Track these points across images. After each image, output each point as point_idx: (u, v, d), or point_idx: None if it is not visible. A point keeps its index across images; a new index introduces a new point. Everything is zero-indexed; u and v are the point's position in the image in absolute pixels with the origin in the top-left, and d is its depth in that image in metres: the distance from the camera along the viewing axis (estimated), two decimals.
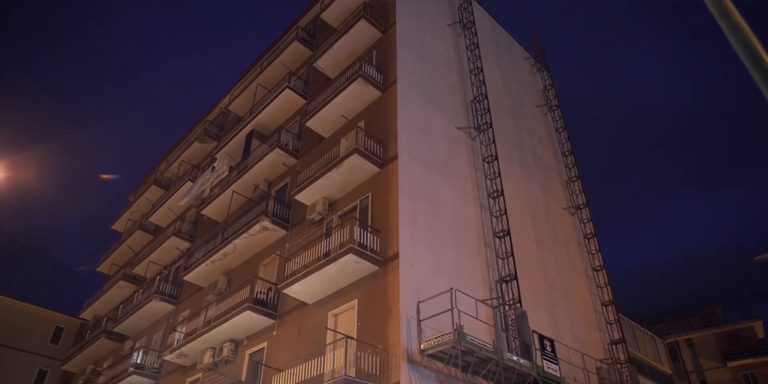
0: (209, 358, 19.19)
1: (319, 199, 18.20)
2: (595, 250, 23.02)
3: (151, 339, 25.81)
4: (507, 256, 17.21)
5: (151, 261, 28.26)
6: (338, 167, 17.23)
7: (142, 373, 23.08)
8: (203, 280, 22.81)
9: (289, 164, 21.80)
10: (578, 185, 24.93)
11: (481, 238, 17.73)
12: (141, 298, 26.61)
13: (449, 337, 12.63)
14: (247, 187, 22.87)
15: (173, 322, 24.21)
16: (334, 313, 15.80)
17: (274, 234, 19.94)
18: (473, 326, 13.75)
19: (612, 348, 20.32)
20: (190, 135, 33.67)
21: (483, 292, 16.30)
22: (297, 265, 16.82)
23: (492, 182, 18.91)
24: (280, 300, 18.13)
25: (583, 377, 16.36)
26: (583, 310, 20.82)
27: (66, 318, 40.90)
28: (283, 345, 16.94)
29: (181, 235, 26.85)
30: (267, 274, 19.73)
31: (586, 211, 24.12)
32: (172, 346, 21.38)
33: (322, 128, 20.50)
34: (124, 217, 36.81)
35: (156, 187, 33.30)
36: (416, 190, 16.47)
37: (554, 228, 22.10)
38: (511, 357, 13.65)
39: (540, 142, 25.08)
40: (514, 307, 15.63)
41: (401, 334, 13.24)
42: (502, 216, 18.10)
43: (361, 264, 14.92)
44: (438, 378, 13.27)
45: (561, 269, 20.89)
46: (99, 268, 36.23)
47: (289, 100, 23.39)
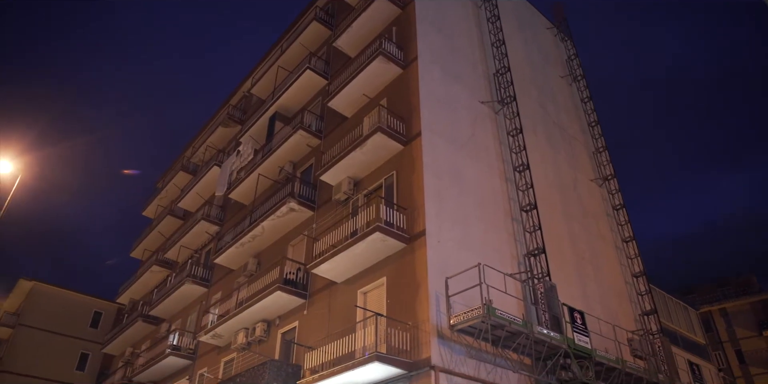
0: (243, 338, 19.54)
1: (344, 179, 18.22)
2: (625, 221, 22.69)
3: (185, 321, 26.36)
4: (534, 230, 17.07)
5: (182, 245, 28.74)
6: (362, 146, 17.19)
7: (178, 354, 23.64)
8: (233, 262, 23.13)
9: (313, 145, 21.82)
10: (605, 156, 24.51)
11: (507, 213, 17.60)
12: (174, 282, 27.13)
13: (478, 311, 12.63)
14: (272, 170, 22.98)
15: (206, 304, 24.67)
16: (363, 291, 15.90)
17: (301, 215, 20.06)
18: (502, 301, 13.72)
19: (643, 319, 20.14)
20: (214, 120, 33.88)
21: (511, 266, 16.24)
22: (325, 245, 16.92)
23: (517, 156, 18.69)
24: (309, 280, 18.30)
25: (614, 349, 16.26)
26: (614, 281, 20.63)
27: (104, 303, 42.06)
28: (314, 324, 17.15)
29: (210, 219, 27.20)
30: (295, 254, 19.90)
31: (614, 182, 23.74)
32: (206, 327, 21.80)
33: (344, 108, 20.43)
34: (154, 204, 37.41)
35: (183, 172, 33.73)
36: (441, 166, 16.37)
37: (582, 200, 21.83)
38: (541, 330, 13.62)
39: (565, 114, 24.66)
40: (543, 281, 15.55)
41: (430, 310, 13.29)
42: (528, 189, 17.92)
43: (388, 242, 14.94)
44: (468, 352, 13.32)
45: (590, 241, 20.67)
46: (132, 254, 36.99)
47: (311, 81, 23.31)
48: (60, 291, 41.29)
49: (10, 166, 18.50)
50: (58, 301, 40.66)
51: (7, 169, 18.49)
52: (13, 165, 18.62)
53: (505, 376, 13.85)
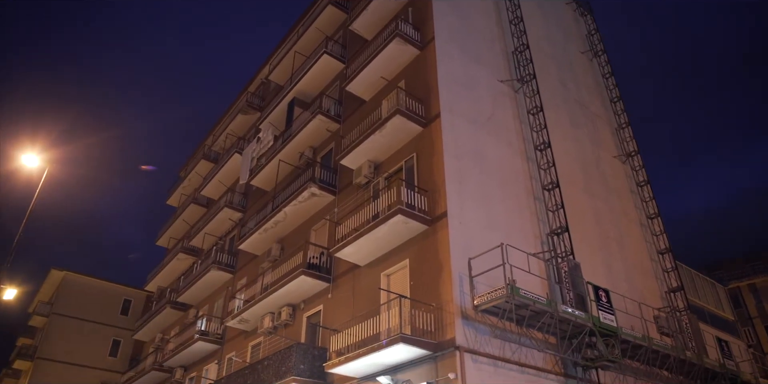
0: (269, 323, 19.79)
1: (365, 163, 18.21)
2: (649, 198, 22.38)
3: (212, 307, 26.78)
4: (557, 209, 16.93)
5: (206, 233, 29.08)
6: (381, 129, 17.13)
7: (207, 339, 24.07)
8: (257, 248, 23.36)
9: (333, 130, 21.81)
10: (628, 132, 24.12)
11: (529, 192, 17.47)
12: (200, 269, 27.52)
13: (502, 291, 12.63)
14: (292, 155, 23.05)
15: (232, 289, 25.00)
16: (387, 274, 15.96)
17: (322, 199, 20.13)
18: (526, 280, 13.68)
19: (670, 296, 19.95)
20: (234, 107, 34.02)
21: (534, 245, 16.15)
22: (347, 229, 16.97)
23: (538, 134, 18.48)
24: (332, 263, 18.42)
25: (640, 326, 16.14)
26: (639, 259, 20.42)
27: (133, 291, 42.91)
28: (338, 307, 17.28)
29: (233, 206, 27.45)
30: (318, 239, 20.02)
31: (637, 159, 23.37)
32: (233, 312, 22.11)
33: (362, 91, 20.35)
34: (178, 193, 37.83)
35: (205, 161, 33.99)
36: (461, 147, 16.26)
37: (605, 177, 21.56)
38: (566, 309, 13.57)
39: (586, 90, 24.27)
40: (567, 259, 15.45)
41: (454, 291, 13.29)
42: (550, 168, 17.74)
43: (410, 224, 14.94)
44: (493, 332, 13.33)
45: (614, 219, 20.45)
46: (158, 243, 37.56)
47: (328, 66, 23.23)
48: (90, 280, 42.21)
49: (37, 159, 18.87)
50: (89, 289, 41.58)
51: (35, 163, 18.87)
52: (40, 159, 19.00)
53: (530, 355, 13.86)
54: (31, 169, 18.99)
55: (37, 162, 18.96)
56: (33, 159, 18.83)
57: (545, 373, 13.93)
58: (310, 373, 15.93)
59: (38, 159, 18.96)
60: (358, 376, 14.72)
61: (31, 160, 18.79)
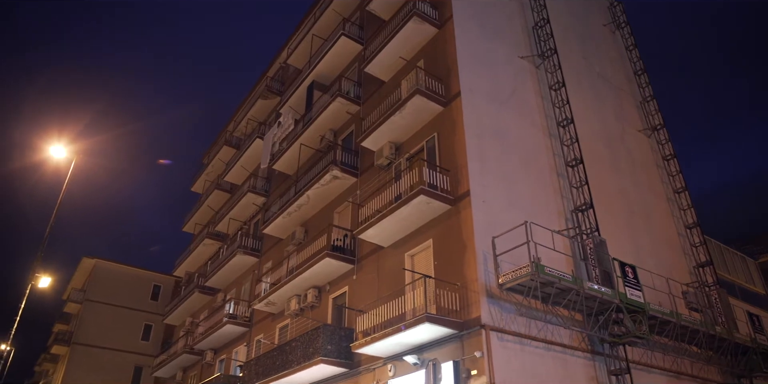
0: (295, 305, 20.02)
1: (386, 144, 18.15)
2: (676, 172, 22.00)
3: (239, 290, 27.16)
4: (581, 185, 16.73)
5: (231, 218, 29.39)
6: (401, 110, 17.03)
7: (235, 322, 24.46)
8: (282, 232, 23.54)
9: (353, 112, 21.74)
10: (653, 105, 23.63)
11: (553, 169, 17.28)
12: (226, 254, 27.88)
13: (527, 269, 12.55)
14: (313, 139, 23.08)
15: (258, 273, 25.29)
16: (411, 254, 15.98)
17: (344, 182, 20.16)
18: (551, 258, 13.58)
19: (698, 271, 19.68)
20: (254, 93, 34.10)
21: (559, 223, 16.01)
22: (370, 211, 16.98)
23: (560, 110, 18.21)
24: (356, 245, 18.50)
25: (668, 302, 15.98)
26: (666, 234, 20.15)
27: (162, 276, 43.72)
28: (363, 288, 17.39)
29: (257, 190, 27.65)
30: (341, 221, 20.10)
31: (663, 132, 22.93)
32: (259, 295, 22.40)
33: (381, 72, 20.21)
34: (202, 179, 38.22)
35: (227, 147, 34.23)
36: (482, 125, 16.11)
37: (630, 152, 21.22)
38: (592, 286, 13.47)
39: (609, 63, 23.78)
40: (592, 236, 15.29)
41: (478, 270, 13.28)
42: (573, 144, 17.50)
43: (432, 204, 14.90)
44: (518, 311, 13.30)
45: (640, 194, 20.16)
46: (184, 229, 38.06)
47: (346, 48, 23.08)
48: (120, 267, 43.08)
49: (65, 151, 19.22)
50: (119, 276, 42.47)
51: (63, 154, 19.21)
52: (67, 150, 19.36)
53: (557, 332, 13.82)
54: (58, 160, 19.34)
55: (64, 153, 19.31)
56: (60, 150, 19.18)
57: (572, 351, 13.90)
58: (337, 354, 16.12)
59: (65, 150, 19.31)
60: (385, 355, 14.84)
61: (58, 152, 19.14)
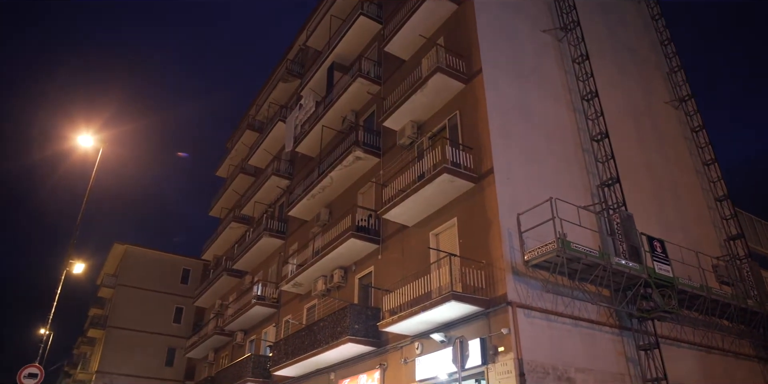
0: (322, 285, 20.23)
1: (408, 123, 18.06)
2: (705, 143, 21.51)
3: (267, 272, 27.50)
4: (607, 159, 16.47)
5: (256, 201, 29.65)
6: (422, 88, 16.90)
7: (263, 303, 24.83)
8: (306, 213, 23.69)
9: (374, 92, 21.64)
10: (681, 75, 23.03)
11: (577, 144, 17.03)
12: (252, 236, 28.20)
13: (552, 246, 12.48)
14: (335, 120, 23.06)
15: (284, 255, 25.56)
16: (435, 233, 15.98)
17: (367, 162, 20.15)
18: (577, 233, 13.47)
19: (729, 244, 19.34)
20: (274, 76, 34.12)
21: (584, 198, 15.82)
22: (393, 190, 16.98)
23: (584, 84, 17.89)
24: (381, 225, 18.54)
25: (698, 276, 15.76)
26: (695, 207, 19.80)
27: (191, 260, 44.48)
28: (389, 267, 17.47)
29: (280, 173, 27.82)
30: (365, 201, 20.13)
31: (691, 103, 22.37)
32: (286, 277, 22.66)
33: (401, 51, 20.04)
34: (226, 164, 38.57)
35: (250, 131, 34.44)
36: (505, 101, 15.92)
37: (657, 124, 20.78)
38: (619, 261, 13.34)
39: (634, 34, 23.18)
40: (619, 211, 15.10)
41: (503, 247, 13.22)
42: (598, 118, 17.20)
43: (456, 182, 14.83)
44: (545, 287, 13.24)
45: (668, 167, 19.79)
46: (211, 213, 38.57)
47: (365, 27, 22.89)
48: (150, 252, 43.93)
49: (92, 140, 19.56)
50: (150, 261, 43.32)
51: (90, 143, 19.56)
52: (95, 139, 19.70)
53: (584, 308, 13.75)
54: (86, 149, 19.68)
55: (91, 142, 19.63)
56: (88, 139, 19.50)
57: (599, 326, 13.82)
58: (364, 333, 16.29)
59: (92, 139, 19.63)
60: (412, 334, 14.95)
61: (86, 141, 19.47)
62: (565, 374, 12.49)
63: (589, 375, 12.87)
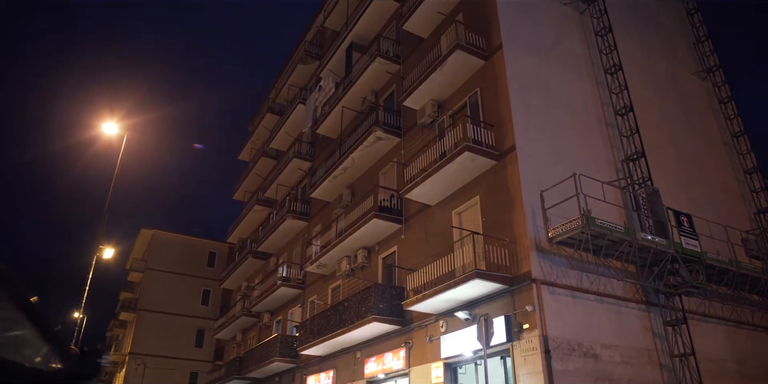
0: (346, 266, 20.36)
1: (428, 102, 17.92)
2: (733, 115, 20.98)
3: (291, 254, 27.75)
4: (632, 134, 16.18)
5: (278, 184, 29.82)
6: (442, 66, 16.72)
7: (289, 284, 25.10)
8: (329, 195, 23.76)
9: (393, 71, 21.46)
10: (708, 45, 22.40)
11: (601, 119, 16.75)
12: (276, 219, 28.42)
13: (577, 222, 12.35)
14: (355, 101, 22.97)
15: (308, 236, 25.73)
16: (458, 212, 15.92)
17: (388, 143, 20.09)
18: (601, 209, 13.29)
19: (759, 218, 18.95)
20: (293, 59, 34.03)
21: (609, 173, 15.59)
22: (415, 170, 16.92)
23: (607, 57, 17.52)
24: (403, 205, 18.53)
25: (727, 250, 15.50)
26: (723, 180, 19.41)
27: (216, 244, 45.09)
28: (412, 247, 17.49)
29: (302, 156, 27.89)
30: (387, 182, 20.12)
31: (719, 74, 21.78)
32: (311, 258, 22.83)
33: (419, 29, 19.81)
34: (248, 147, 38.79)
35: (270, 114, 34.51)
36: (526, 77, 15.68)
37: (683, 96, 20.32)
38: (645, 236, 13.17)
39: (658, 3, 22.56)
40: (645, 186, 14.87)
41: (527, 224, 13.14)
42: (622, 91, 16.86)
43: (478, 160, 14.72)
44: (569, 264, 13.15)
45: (694, 140, 19.39)
46: (235, 197, 38.94)
47: (383, 6, 22.65)
48: (176, 236, 44.61)
49: (116, 127, 19.82)
50: (176, 245, 44.00)
51: (114, 131, 19.82)
52: (119, 127, 19.97)
53: (609, 284, 13.64)
54: (110, 136, 19.95)
55: (116, 130, 19.90)
56: (112, 127, 19.77)
57: (625, 302, 13.72)
58: (389, 312, 16.40)
59: (117, 127, 19.90)
60: (436, 312, 15.01)
61: (110, 128, 19.74)
62: (591, 350, 12.45)
63: (615, 351, 12.82)
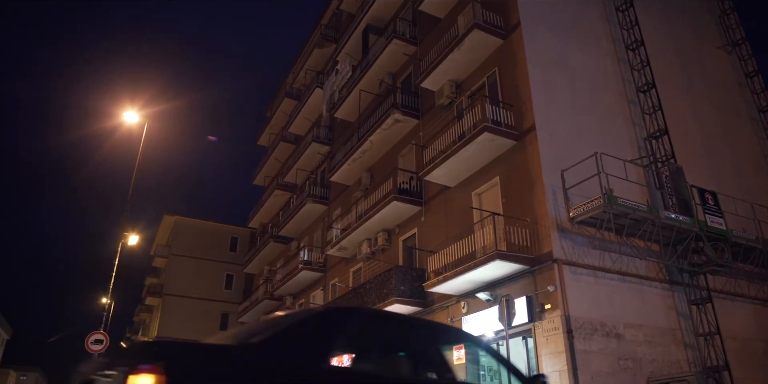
0: (367, 249, 20.42)
1: (446, 83, 17.76)
2: (760, 89, 20.41)
3: (312, 238, 27.91)
4: (654, 111, 15.88)
5: (298, 168, 29.90)
6: (459, 46, 16.53)
7: (310, 268, 25.29)
8: (348, 178, 23.77)
9: (410, 53, 21.27)
10: (734, 18, 21.73)
11: (622, 96, 16.44)
12: (296, 203, 28.56)
13: (599, 201, 12.23)
14: (372, 84, 22.85)
15: (328, 220, 25.83)
16: (477, 193, 15.84)
17: (406, 125, 19.99)
18: (624, 188, 13.11)
19: None
20: (309, 43, 33.88)
21: (631, 152, 15.35)
22: (434, 152, 16.83)
23: (629, 32, 17.14)
24: (423, 187, 18.49)
25: (754, 228, 15.21)
26: (750, 156, 18.99)
27: (238, 229, 45.49)
28: (432, 229, 17.47)
29: (320, 140, 27.90)
30: (406, 164, 20.05)
31: (745, 47, 21.16)
32: (331, 241, 22.94)
33: (436, 9, 19.57)
34: (267, 133, 38.88)
35: (288, 99, 34.49)
36: (545, 55, 15.44)
37: (707, 71, 19.82)
38: (669, 215, 13.00)
39: None
40: (668, 163, 14.63)
41: (548, 204, 13.05)
42: (644, 68, 16.51)
43: (497, 141, 14.60)
44: (591, 243, 13.03)
45: (720, 116, 18.95)
46: (255, 182, 39.16)
47: None
48: (199, 222, 45.07)
49: (137, 116, 20.01)
50: (199, 230, 44.47)
51: (135, 119, 20.01)
52: (140, 115, 20.16)
53: (632, 263, 13.51)
54: (131, 125, 20.16)
55: (136, 118, 20.09)
56: (133, 116, 19.97)
57: (649, 281, 13.60)
58: (410, 294, 16.45)
59: (138, 115, 20.10)
60: (457, 293, 15.03)
61: (131, 117, 19.94)
62: (614, 330, 12.39)
63: (639, 330, 12.74)
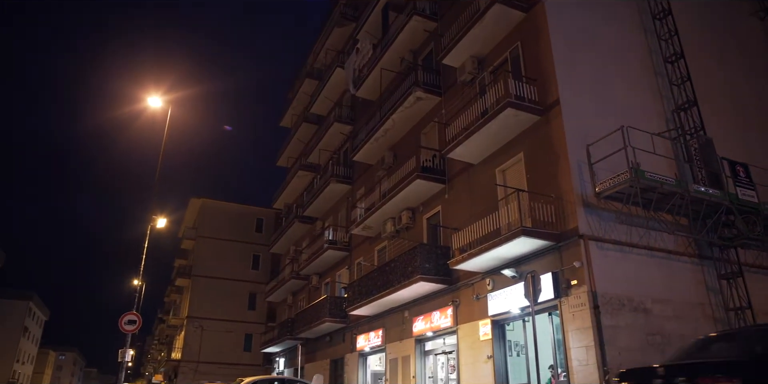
0: (391, 227, 20.46)
1: (467, 59, 17.52)
2: None
3: (336, 218, 28.05)
4: (683, 81, 15.47)
5: (321, 149, 29.97)
6: (481, 21, 16.25)
7: (335, 247, 25.49)
8: (371, 157, 23.74)
9: (430, 29, 21.01)
10: None
11: (649, 67, 16.03)
12: (320, 183, 28.69)
13: (625, 176, 12.03)
14: (393, 62, 22.65)
15: (352, 199, 25.91)
16: (502, 169, 15.69)
17: (428, 102, 19.83)
18: (651, 162, 12.88)
19: None
20: (329, 22, 33.63)
21: (658, 124, 15.00)
22: (457, 129, 16.68)
23: (656, 1, 16.67)
24: (446, 165, 18.38)
25: None
26: None
27: (263, 210, 45.97)
28: (456, 206, 17.41)
29: (342, 119, 27.85)
30: (429, 142, 19.93)
31: None
32: (356, 221, 23.03)
33: None
34: (289, 113, 38.94)
35: (310, 79, 34.42)
36: (568, 28, 15.08)
37: (739, 38, 19.17)
38: (698, 188, 12.74)
39: None
40: (697, 136, 14.30)
41: (573, 180, 12.85)
42: (672, 37, 16.04)
43: (520, 116, 14.39)
44: (618, 218, 12.86)
45: (752, 85, 18.36)
46: (278, 163, 39.39)
47: None
48: (224, 204, 45.64)
49: (160, 101, 20.24)
50: (225, 212, 45.06)
51: (158, 104, 20.24)
52: (163, 100, 20.40)
53: (660, 238, 13.31)
54: (155, 109, 20.43)
55: (160, 103, 20.33)
56: (156, 100, 20.21)
57: (677, 256, 13.39)
58: (435, 271, 16.49)
59: (161, 101, 20.34)
60: (482, 270, 15.01)
61: (155, 102, 20.18)
62: (642, 305, 12.27)
63: (667, 305, 12.60)
